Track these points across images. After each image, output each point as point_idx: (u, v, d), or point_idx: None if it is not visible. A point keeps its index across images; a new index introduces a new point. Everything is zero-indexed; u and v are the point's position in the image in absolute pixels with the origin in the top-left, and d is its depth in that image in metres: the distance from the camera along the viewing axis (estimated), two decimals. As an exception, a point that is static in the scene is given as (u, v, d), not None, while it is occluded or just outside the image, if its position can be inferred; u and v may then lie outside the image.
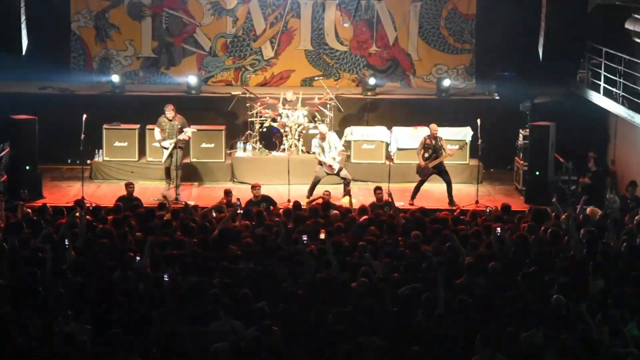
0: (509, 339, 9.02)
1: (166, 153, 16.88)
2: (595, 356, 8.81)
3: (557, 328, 9.31)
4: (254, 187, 15.36)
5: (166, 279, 10.19)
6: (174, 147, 16.85)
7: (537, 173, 17.34)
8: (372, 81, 19.81)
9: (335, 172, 16.82)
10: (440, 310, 9.63)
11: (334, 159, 16.79)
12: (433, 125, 16.91)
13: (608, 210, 14.94)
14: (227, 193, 15.17)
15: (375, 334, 9.12)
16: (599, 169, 17.94)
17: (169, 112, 16.87)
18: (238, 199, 13.95)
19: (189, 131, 16.98)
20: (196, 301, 9.90)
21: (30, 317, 9.36)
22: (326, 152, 16.78)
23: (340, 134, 18.15)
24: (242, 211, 13.61)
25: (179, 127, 16.82)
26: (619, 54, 17.57)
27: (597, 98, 18.38)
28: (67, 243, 11.45)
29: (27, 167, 16.86)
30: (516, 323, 9.44)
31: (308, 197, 16.47)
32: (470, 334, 9.07)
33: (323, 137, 16.83)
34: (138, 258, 11.12)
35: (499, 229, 12.45)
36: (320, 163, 16.85)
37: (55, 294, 9.85)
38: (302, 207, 14.61)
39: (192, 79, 19.72)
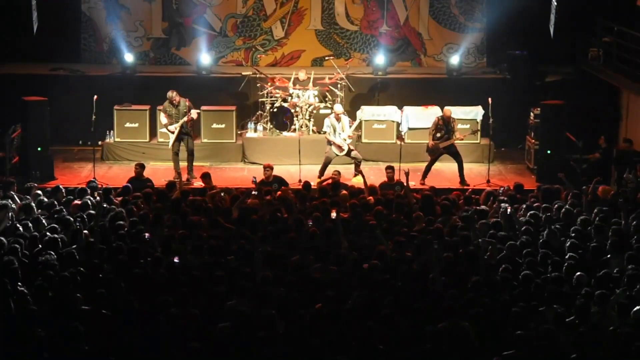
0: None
1: (172, 137, 16.80)
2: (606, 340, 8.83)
3: (566, 308, 9.33)
4: (266, 168, 15.38)
5: (177, 262, 10.25)
6: (180, 132, 16.74)
7: (549, 152, 17.29)
8: (380, 60, 19.71)
9: (345, 152, 16.81)
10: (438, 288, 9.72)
11: (345, 140, 16.76)
12: (447, 110, 16.86)
13: (625, 188, 14.82)
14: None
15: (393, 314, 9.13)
16: (610, 145, 17.84)
17: (174, 97, 16.72)
18: (254, 177, 14.06)
19: (193, 112, 16.84)
20: (209, 283, 9.93)
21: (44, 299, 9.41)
22: (337, 132, 16.75)
23: (352, 116, 18.07)
24: (255, 192, 13.66)
25: (185, 110, 16.72)
26: (631, 32, 17.45)
27: (609, 76, 18.28)
28: (78, 225, 11.51)
29: (39, 149, 16.87)
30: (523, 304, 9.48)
31: (319, 178, 16.48)
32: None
33: (337, 118, 16.77)
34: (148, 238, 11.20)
35: (508, 208, 12.43)
36: (330, 143, 16.83)
37: (69, 276, 9.89)
38: (312, 187, 14.65)
39: (203, 60, 19.70)
